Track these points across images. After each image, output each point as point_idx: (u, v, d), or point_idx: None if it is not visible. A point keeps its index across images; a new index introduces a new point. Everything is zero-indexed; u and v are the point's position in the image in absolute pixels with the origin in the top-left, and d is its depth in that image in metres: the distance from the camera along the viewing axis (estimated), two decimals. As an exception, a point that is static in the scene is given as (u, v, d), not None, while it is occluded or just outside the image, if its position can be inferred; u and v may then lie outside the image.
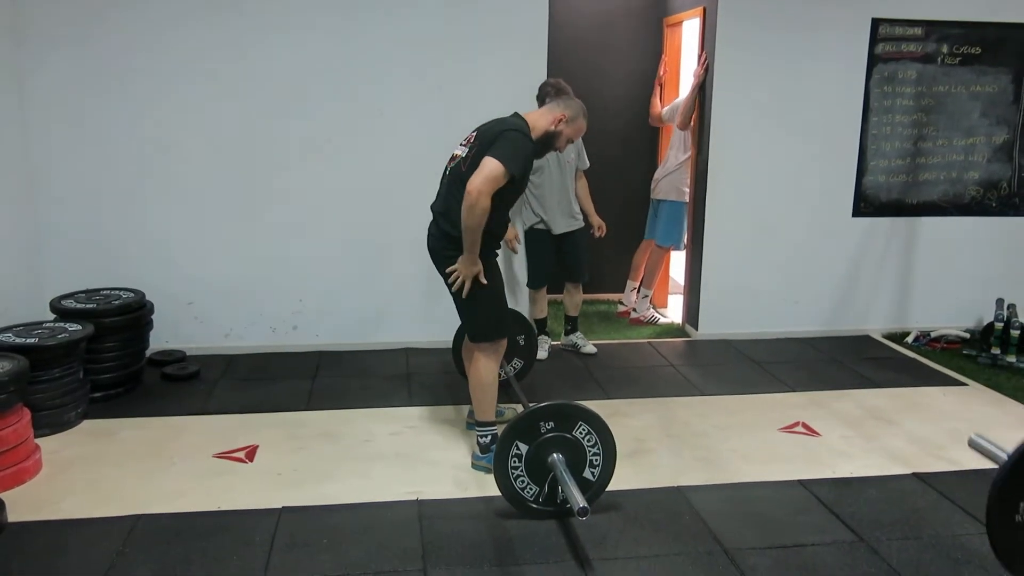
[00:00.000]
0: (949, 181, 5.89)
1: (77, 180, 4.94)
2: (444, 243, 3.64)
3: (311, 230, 5.23)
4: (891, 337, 5.92)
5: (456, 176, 3.58)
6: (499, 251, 3.84)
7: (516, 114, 3.65)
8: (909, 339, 5.83)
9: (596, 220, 5.39)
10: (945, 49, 5.68)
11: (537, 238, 5.24)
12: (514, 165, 3.40)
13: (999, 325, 5.47)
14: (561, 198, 5.14)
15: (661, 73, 6.40)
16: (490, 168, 3.37)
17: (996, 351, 5.44)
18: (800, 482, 3.69)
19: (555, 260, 5.30)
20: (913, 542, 3.21)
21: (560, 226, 5.17)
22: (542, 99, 4.84)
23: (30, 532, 3.17)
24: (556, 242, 5.23)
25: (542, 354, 5.24)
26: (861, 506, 3.48)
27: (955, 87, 5.76)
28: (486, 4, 5.11)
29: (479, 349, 3.73)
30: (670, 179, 6.05)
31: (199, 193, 5.08)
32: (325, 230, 5.24)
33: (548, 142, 3.64)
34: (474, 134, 3.60)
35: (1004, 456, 2.53)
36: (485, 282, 3.61)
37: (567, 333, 5.54)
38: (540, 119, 3.62)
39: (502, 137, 3.44)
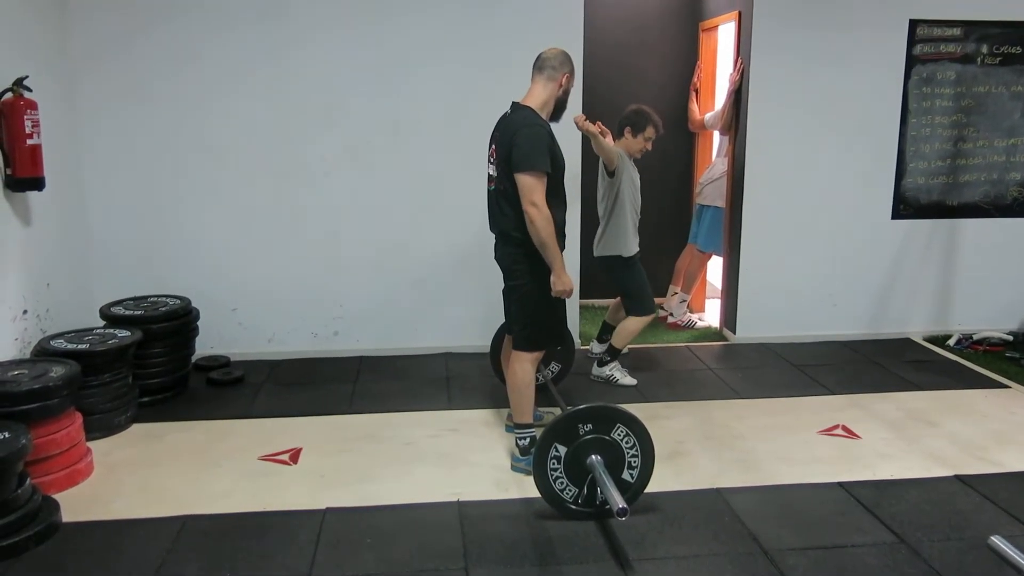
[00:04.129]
0: (990, 182, 5.83)
1: (124, 191, 5.08)
2: (513, 258, 3.75)
3: (351, 237, 5.32)
4: (932, 340, 5.86)
5: (495, 197, 3.71)
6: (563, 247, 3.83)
7: (514, 104, 3.72)
8: (951, 342, 5.77)
9: None
10: (985, 49, 5.63)
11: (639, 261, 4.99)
12: (540, 162, 3.49)
13: (1043, 327, 5.41)
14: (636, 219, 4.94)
15: (696, 79, 6.41)
16: (527, 185, 3.48)
17: (1040, 353, 5.37)
18: (840, 484, 3.68)
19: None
20: (955, 543, 3.19)
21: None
22: (623, 127, 4.85)
23: (84, 532, 3.27)
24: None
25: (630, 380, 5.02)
26: (902, 508, 3.47)
27: (995, 87, 5.70)
28: (521, 6, 5.16)
29: (517, 353, 3.79)
30: (716, 185, 6.03)
31: (241, 202, 5.20)
32: (365, 236, 5.32)
33: (562, 105, 3.77)
34: (493, 147, 3.70)
35: None
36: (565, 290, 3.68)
37: (600, 341, 5.51)
38: (542, 93, 3.70)
39: (514, 144, 3.52)
